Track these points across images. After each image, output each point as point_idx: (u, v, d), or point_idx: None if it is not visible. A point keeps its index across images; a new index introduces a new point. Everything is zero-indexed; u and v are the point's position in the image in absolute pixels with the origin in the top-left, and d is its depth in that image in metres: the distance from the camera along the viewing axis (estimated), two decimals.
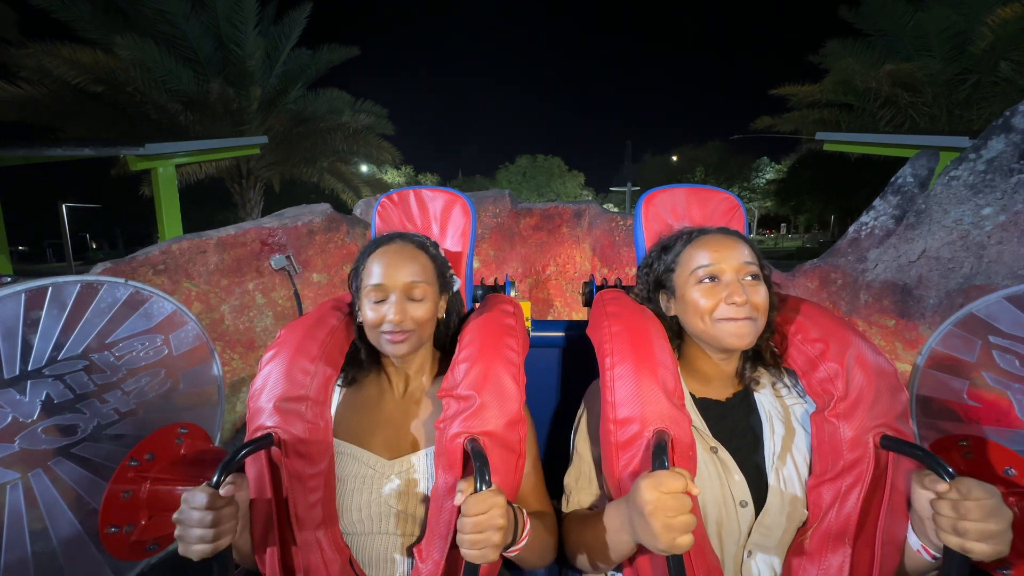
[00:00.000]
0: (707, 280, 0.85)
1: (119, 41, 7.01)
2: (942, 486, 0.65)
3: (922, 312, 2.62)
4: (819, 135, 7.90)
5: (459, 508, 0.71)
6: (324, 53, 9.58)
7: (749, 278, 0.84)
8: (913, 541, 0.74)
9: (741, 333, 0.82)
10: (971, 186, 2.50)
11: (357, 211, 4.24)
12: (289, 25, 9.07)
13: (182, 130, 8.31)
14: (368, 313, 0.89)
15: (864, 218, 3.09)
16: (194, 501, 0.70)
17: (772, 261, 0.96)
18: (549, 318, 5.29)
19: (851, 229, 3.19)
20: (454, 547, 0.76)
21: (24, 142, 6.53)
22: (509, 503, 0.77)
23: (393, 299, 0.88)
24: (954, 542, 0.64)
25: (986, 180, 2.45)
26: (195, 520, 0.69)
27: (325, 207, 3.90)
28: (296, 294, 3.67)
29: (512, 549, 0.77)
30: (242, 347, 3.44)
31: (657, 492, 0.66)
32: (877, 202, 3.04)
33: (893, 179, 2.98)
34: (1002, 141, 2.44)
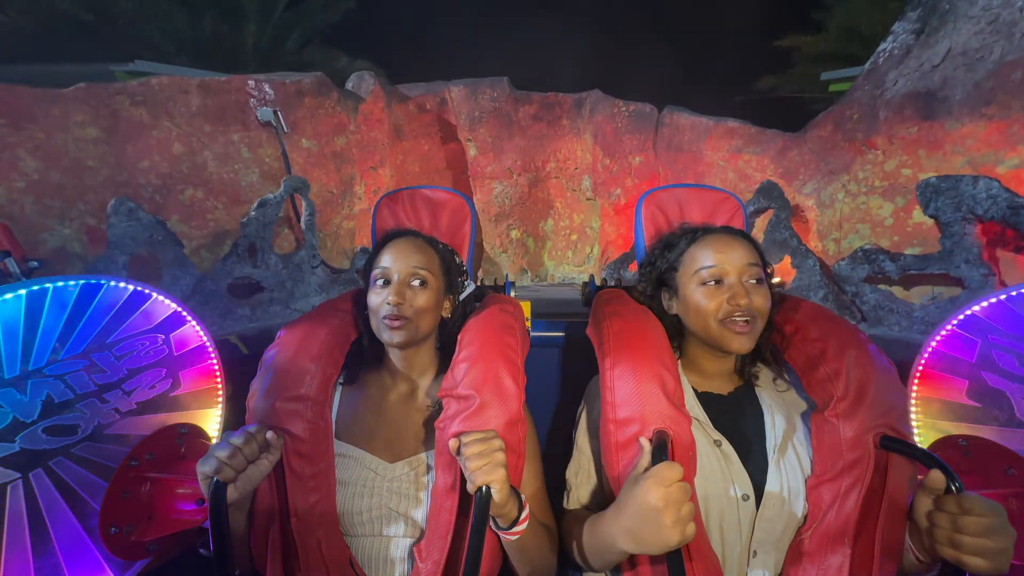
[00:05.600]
0: (711, 282, 0.84)
1: None
2: (946, 500, 0.65)
3: (948, 110, 2.46)
4: (824, 75, 7.82)
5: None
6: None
7: (752, 281, 0.83)
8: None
9: (742, 340, 0.82)
10: None
11: (349, 85, 4.08)
12: None
13: None
14: (372, 298, 0.91)
15: (882, 45, 2.93)
16: (235, 434, 0.75)
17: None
18: (549, 223, 5.13)
19: (868, 62, 3.04)
20: (454, 547, 0.77)
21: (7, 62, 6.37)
22: (512, 488, 0.76)
23: (395, 280, 0.90)
24: (949, 554, 0.63)
25: None
26: (239, 441, 0.73)
27: (317, 73, 3.74)
28: (284, 153, 3.51)
29: (516, 527, 0.76)
30: (226, 197, 3.27)
31: (663, 488, 0.66)
32: (896, 25, 2.88)
33: None
34: None
